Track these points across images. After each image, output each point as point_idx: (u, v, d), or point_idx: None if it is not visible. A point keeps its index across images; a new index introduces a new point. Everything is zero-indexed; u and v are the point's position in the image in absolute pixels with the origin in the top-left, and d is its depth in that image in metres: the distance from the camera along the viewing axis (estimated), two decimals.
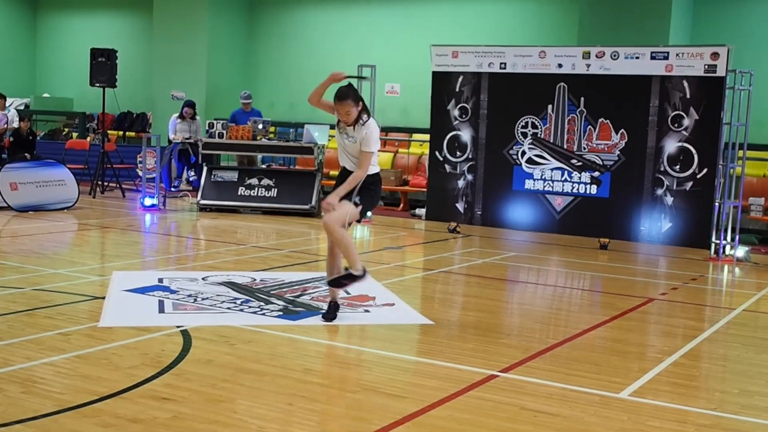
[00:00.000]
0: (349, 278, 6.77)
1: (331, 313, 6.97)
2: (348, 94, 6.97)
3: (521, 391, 5.25)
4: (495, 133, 13.75)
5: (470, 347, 6.33)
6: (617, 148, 12.82)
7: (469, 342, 6.52)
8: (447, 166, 14.16)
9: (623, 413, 4.95)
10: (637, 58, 12.62)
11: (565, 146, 13.19)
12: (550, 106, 13.26)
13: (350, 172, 6.92)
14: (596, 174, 13.00)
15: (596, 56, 12.90)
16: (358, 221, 7.15)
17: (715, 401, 5.34)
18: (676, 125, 12.42)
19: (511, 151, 13.60)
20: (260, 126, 14.65)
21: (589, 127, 12.99)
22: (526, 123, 13.45)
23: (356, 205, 6.84)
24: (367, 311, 7.34)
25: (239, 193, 14.37)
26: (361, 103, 6.99)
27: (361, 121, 6.89)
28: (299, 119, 18.29)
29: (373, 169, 6.97)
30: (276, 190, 14.34)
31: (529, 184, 13.50)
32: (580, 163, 13.10)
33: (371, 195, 7.02)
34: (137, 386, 5.04)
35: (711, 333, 7.21)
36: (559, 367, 5.87)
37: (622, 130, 12.77)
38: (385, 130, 17.53)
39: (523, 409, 4.93)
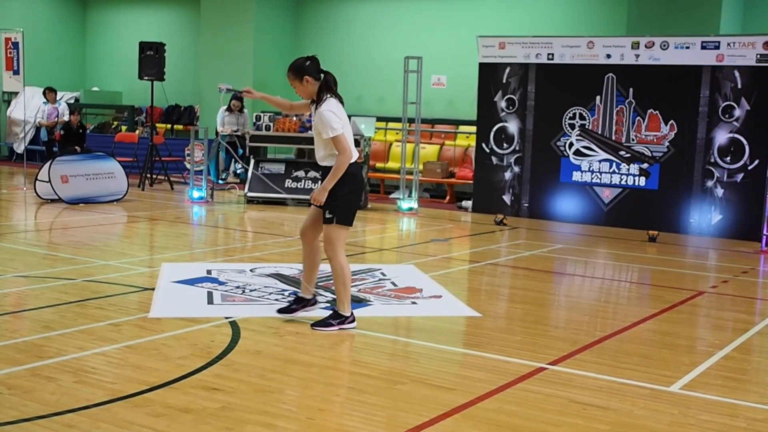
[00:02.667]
0: (335, 318, 6.31)
1: (289, 307, 6.60)
2: (289, 67, 6.22)
3: (570, 384, 5.22)
4: (542, 124, 13.66)
5: (518, 339, 6.30)
6: (666, 140, 12.67)
7: (516, 334, 6.49)
8: (494, 158, 14.10)
9: (673, 407, 4.89)
10: (688, 47, 12.45)
11: (613, 137, 13.06)
12: (598, 97, 13.13)
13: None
14: (645, 166, 12.86)
15: (645, 46, 12.75)
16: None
17: (767, 395, 5.26)
18: (726, 116, 12.23)
19: (558, 143, 13.49)
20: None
21: (638, 118, 12.84)
22: (574, 114, 13.34)
23: (330, 221, 6.23)
24: (414, 303, 7.34)
25: (286, 186, 14.44)
26: (308, 78, 6.18)
27: (321, 102, 6.15)
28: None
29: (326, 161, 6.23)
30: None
31: (576, 175, 13.39)
32: (628, 155, 12.96)
33: (339, 202, 6.20)
34: (187, 376, 5.09)
35: (763, 326, 7.10)
36: (608, 360, 5.82)
37: (672, 121, 12.62)
38: (431, 122, 17.52)
39: (572, 401, 4.89)
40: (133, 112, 21.63)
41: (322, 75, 6.26)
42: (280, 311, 6.63)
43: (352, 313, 6.39)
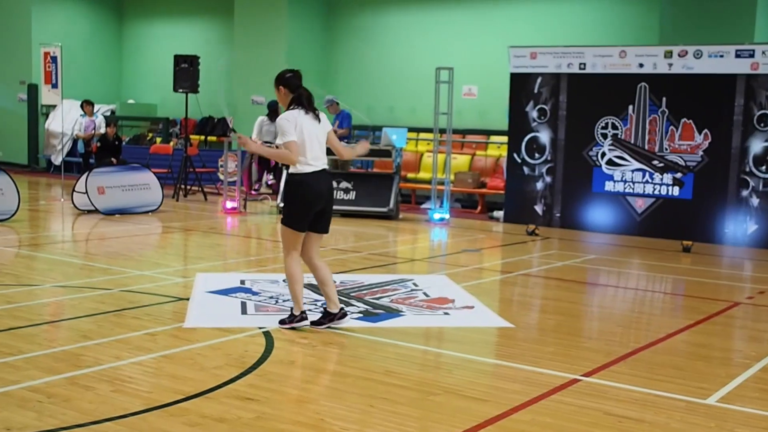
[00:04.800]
0: (288, 319, 6.64)
1: (319, 320, 6.71)
2: (277, 76, 6.70)
3: (604, 396, 5.20)
4: (574, 134, 13.62)
5: (551, 350, 6.29)
6: (700, 149, 12.58)
7: (549, 345, 6.47)
8: (525, 168, 14.08)
9: (710, 420, 4.86)
10: (722, 56, 12.37)
11: (646, 147, 13.00)
12: (630, 107, 13.08)
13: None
14: (678, 175, 12.77)
15: (678, 55, 12.69)
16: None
17: None
18: (762, 125, 12.13)
19: (590, 153, 13.45)
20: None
21: (672, 127, 12.77)
22: (606, 124, 13.29)
23: (281, 222, 6.60)
24: (446, 314, 7.35)
25: None
26: (282, 87, 6.63)
27: (278, 120, 6.59)
28: (377, 122, 18.37)
29: (293, 168, 6.48)
30: (354, 192, 14.45)
31: (609, 185, 13.33)
32: (661, 164, 12.89)
33: (287, 207, 6.59)
34: (222, 386, 5.14)
35: None
36: (643, 371, 5.79)
37: (706, 130, 12.53)
38: (462, 132, 17.52)
39: (607, 414, 4.87)
40: (168, 124, 21.84)
41: (299, 89, 6.64)
42: (313, 324, 6.67)
43: (302, 312, 6.63)
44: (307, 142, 6.44)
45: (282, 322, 6.68)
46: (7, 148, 23.53)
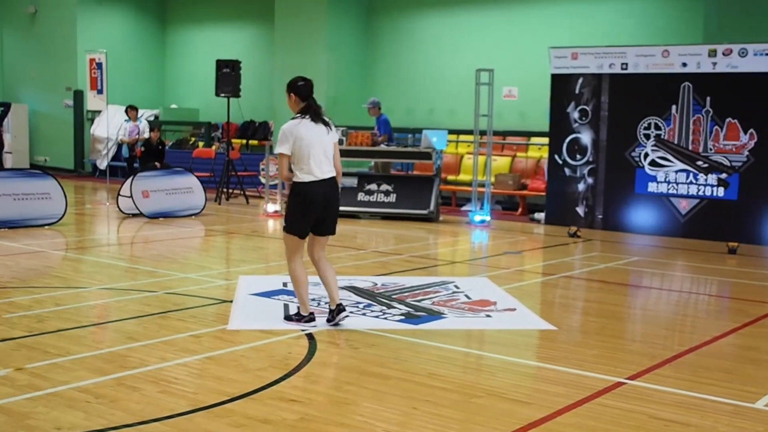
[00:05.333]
0: (297, 316, 6.82)
1: (332, 316, 6.81)
2: (288, 82, 6.84)
3: (649, 399, 5.16)
4: (616, 135, 13.53)
5: (594, 353, 6.26)
6: (746, 149, 12.43)
7: (592, 348, 6.44)
8: (567, 170, 14.01)
9: (759, 424, 4.80)
10: (767, 54, 12.21)
11: (690, 147, 12.87)
12: (674, 107, 12.96)
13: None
14: (723, 176, 12.63)
15: (723, 54, 12.55)
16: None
17: None
18: None
19: (633, 153, 13.35)
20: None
21: (716, 127, 12.63)
22: (649, 124, 13.18)
23: (283, 229, 6.77)
24: (488, 316, 7.34)
25: (358, 199, 14.57)
26: (293, 95, 6.75)
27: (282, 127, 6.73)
28: (417, 125, 18.40)
29: (295, 177, 6.63)
30: (394, 195, 14.48)
31: (652, 186, 13.22)
32: (706, 165, 12.75)
33: (287, 213, 6.76)
34: (266, 388, 5.18)
35: None
36: (688, 375, 5.74)
37: (752, 129, 12.38)
38: (502, 133, 17.48)
39: (652, 417, 4.84)
40: (210, 128, 22.04)
41: (309, 99, 6.78)
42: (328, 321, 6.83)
43: (310, 313, 6.79)
44: (308, 151, 6.56)
45: (288, 318, 6.89)
46: (53, 153, 23.94)
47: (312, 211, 6.64)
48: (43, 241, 11.18)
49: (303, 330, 6.61)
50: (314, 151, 6.59)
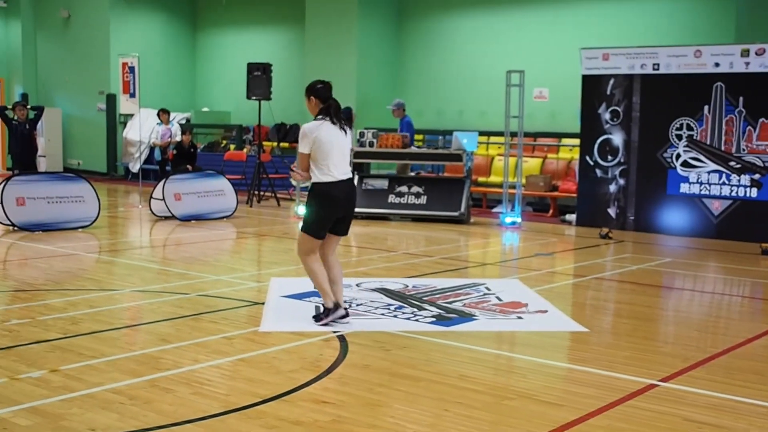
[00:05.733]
0: (324, 313, 6.85)
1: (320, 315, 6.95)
2: (307, 86, 6.99)
3: (682, 402, 5.13)
4: (648, 136, 13.43)
5: (626, 355, 6.23)
6: None
7: (624, 350, 6.41)
8: (598, 171, 13.93)
9: None
10: None
11: (722, 148, 12.75)
12: (706, 107, 12.85)
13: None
14: (756, 176, 12.50)
15: (756, 53, 12.41)
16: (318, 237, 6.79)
17: None
18: None
19: (665, 154, 13.25)
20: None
21: (749, 127, 12.50)
22: (681, 125, 13.08)
23: (301, 229, 6.87)
24: (519, 318, 7.33)
25: (389, 201, 14.59)
26: (313, 98, 6.91)
27: (302, 128, 6.85)
28: (447, 126, 18.40)
29: (314, 177, 6.75)
30: (425, 197, 14.48)
31: (684, 187, 13.11)
32: (739, 165, 12.63)
33: (306, 213, 6.87)
34: (298, 389, 5.21)
35: None
36: (721, 377, 5.70)
37: None
38: (533, 135, 17.44)
39: (686, 420, 4.81)
40: (241, 131, 22.17)
41: (330, 100, 6.90)
42: (314, 317, 6.95)
43: (335, 303, 6.81)
44: (328, 151, 6.69)
45: (317, 318, 6.90)
46: (87, 157, 24.20)
47: (332, 212, 6.75)
48: (76, 243, 11.30)
49: (335, 332, 6.63)
50: (333, 152, 6.71)
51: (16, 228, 12.11)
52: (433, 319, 7.16)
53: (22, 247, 11.00)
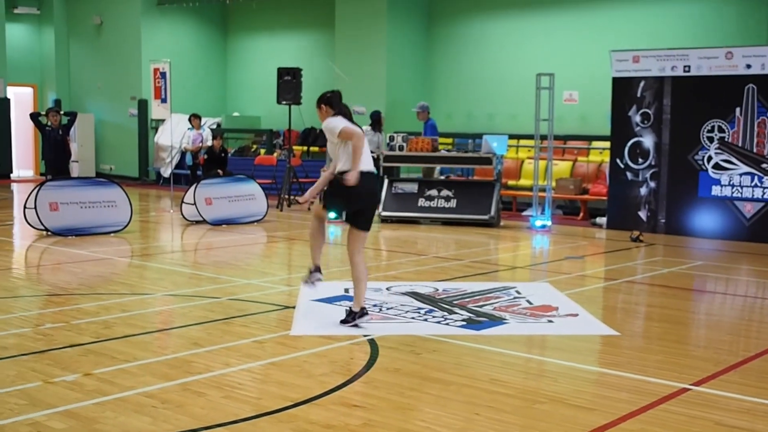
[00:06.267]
0: (350, 316, 6.94)
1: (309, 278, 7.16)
2: (318, 98, 7.09)
3: (715, 406, 5.10)
4: (679, 138, 13.36)
5: (658, 359, 6.20)
6: None
7: (656, 354, 6.37)
8: (629, 174, 13.87)
9: None
10: None
11: (754, 150, 12.65)
12: (738, 109, 12.76)
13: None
14: None
15: None
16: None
17: None
18: None
19: (696, 157, 13.17)
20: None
21: None
22: (712, 127, 12.99)
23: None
24: (550, 321, 7.31)
25: (419, 205, 14.60)
26: (324, 106, 6.99)
27: (323, 125, 6.94)
28: (477, 130, 18.36)
29: (342, 165, 6.81)
30: (455, 200, 14.48)
31: (716, 190, 13.02)
32: None
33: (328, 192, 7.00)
34: (328, 393, 5.24)
35: None
36: (754, 381, 5.66)
37: None
38: (563, 138, 17.38)
39: (718, 424, 4.78)
40: (272, 135, 22.28)
41: (340, 106, 7.00)
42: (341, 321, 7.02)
43: (363, 309, 6.94)
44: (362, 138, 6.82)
45: (345, 321, 6.98)
46: (118, 162, 24.42)
47: (356, 203, 6.93)
48: (109, 248, 11.42)
49: (365, 335, 6.65)
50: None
51: (49, 233, 12.25)
52: (464, 323, 7.16)
53: (55, 252, 11.13)
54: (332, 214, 7.26)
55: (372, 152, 16.50)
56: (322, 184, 7.10)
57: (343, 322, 6.96)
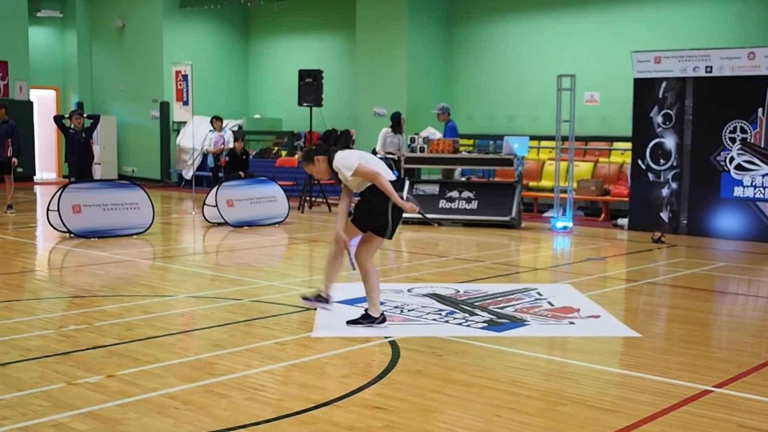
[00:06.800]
0: (366, 318, 7.00)
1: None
2: (302, 157, 7.07)
3: (737, 408, 5.08)
4: (701, 139, 13.30)
5: (680, 361, 6.17)
6: None
7: (678, 355, 6.35)
8: (650, 175, 13.81)
9: None
10: None
11: None
12: (760, 110, 12.68)
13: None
14: None
15: None
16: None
17: None
18: None
19: (718, 158, 13.10)
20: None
21: None
22: (735, 128, 12.92)
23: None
24: (572, 323, 7.30)
25: (440, 206, 14.59)
26: (317, 158, 6.91)
27: (335, 166, 6.84)
28: (498, 131, 18.35)
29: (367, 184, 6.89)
30: (476, 202, 14.47)
31: (738, 191, 12.95)
32: None
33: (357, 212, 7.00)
34: (350, 395, 5.25)
35: None
36: None
37: None
38: (584, 139, 17.33)
39: (741, 426, 4.76)
40: (293, 137, 22.34)
41: (329, 148, 7.03)
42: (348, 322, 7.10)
43: (382, 315, 7.05)
44: (375, 161, 6.94)
45: (356, 322, 7.06)
46: (141, 164, 24.57)
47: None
48: (131, 250, 11.49)
49: (386, 337, 6.66)
50: (375, 160, 7.00)
51: (72, 235, 12.34)
52: (485, 325, 7.16)
53: (78, 254, 11.21)
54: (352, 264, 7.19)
55: (392, 154, 16.64)
56: (345, 216, 7.01)
57: (353, 323, 7.03)
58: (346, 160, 6.78)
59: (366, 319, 6.99)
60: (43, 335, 6.72)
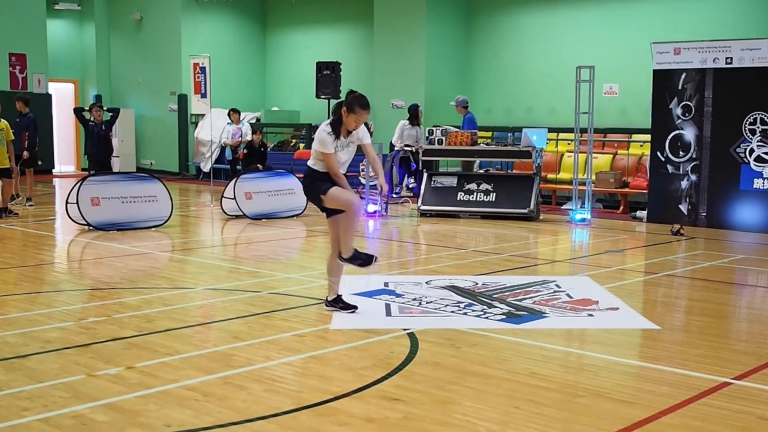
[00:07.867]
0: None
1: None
2: (367, 105, 7.04)
3: (757, 400, 5.06)
4: (720, 131, 13.22)
5: (699, 353, 6.15)
6: None
7: (697, 347, 6.32)
8: (669, 167, 13.75)
9: None
10: None
11: None
12: None
13: None
14: None
15: None
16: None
17: None
18: None
19: (738, 149, 13.01)
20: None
21: None
22: (755, 119, 12.83)
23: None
24: (590, 315, 7.28)
25: (458, 198, 14.58)
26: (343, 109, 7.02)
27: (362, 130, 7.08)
28: (516, 123, 18.30)
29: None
30: (494, 194, 14.44)
31: (758, 183, 12.87)
32: None
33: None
34: (369, 387, 5.26)
35: None
36: None
37: None
38: (603, 131, 17.26)
39: (761, 418, 4.74)
40: (311, 130, 22.31)
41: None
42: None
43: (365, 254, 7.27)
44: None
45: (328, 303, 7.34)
46: (159, 157, 24.66)
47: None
48: (150, 242, 11.54)
49: (405, 329, 6.67)
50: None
51: (91, 227, 12.41)
52: (503, 317, 7.15)
53: (97, 247, 11.27)
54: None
55: (410, 146, 16.63)
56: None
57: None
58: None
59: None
60: (63, 327, 6.76)
